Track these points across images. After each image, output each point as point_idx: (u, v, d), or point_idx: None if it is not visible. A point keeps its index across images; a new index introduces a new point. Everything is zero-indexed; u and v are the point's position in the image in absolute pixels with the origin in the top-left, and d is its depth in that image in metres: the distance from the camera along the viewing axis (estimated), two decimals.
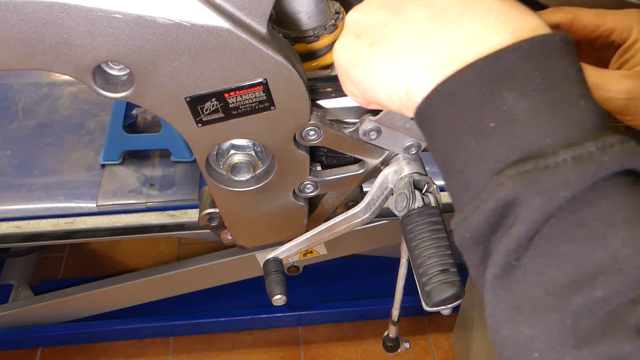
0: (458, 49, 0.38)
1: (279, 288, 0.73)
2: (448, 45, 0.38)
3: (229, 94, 0.55)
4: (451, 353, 1.79)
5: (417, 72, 0.39)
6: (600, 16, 0.64)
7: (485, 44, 0.37)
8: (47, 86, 1.63)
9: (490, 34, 0.37)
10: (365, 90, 0.45)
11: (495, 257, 0.35)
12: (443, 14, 0.39)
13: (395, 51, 0.41)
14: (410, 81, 0.40)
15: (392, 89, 0.42)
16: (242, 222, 0.75)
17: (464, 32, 0.38)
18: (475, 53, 0.37)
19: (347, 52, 0.45)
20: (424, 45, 0.39)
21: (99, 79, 0.53)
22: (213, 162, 0.66)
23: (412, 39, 0.40)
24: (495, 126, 0.35)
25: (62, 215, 1.34)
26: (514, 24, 0.37)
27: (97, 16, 0.47)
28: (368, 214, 0.70)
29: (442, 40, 0.39)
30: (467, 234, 0.37)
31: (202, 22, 0.49)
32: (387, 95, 0.43)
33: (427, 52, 0.39)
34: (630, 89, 0.59)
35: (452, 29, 0.38)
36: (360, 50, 0.44)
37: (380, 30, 0.43)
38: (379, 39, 0.43)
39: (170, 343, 1.83)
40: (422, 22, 0.40)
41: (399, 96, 0.42)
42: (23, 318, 1.71)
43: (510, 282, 0.35)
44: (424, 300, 0.55)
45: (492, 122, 0.35)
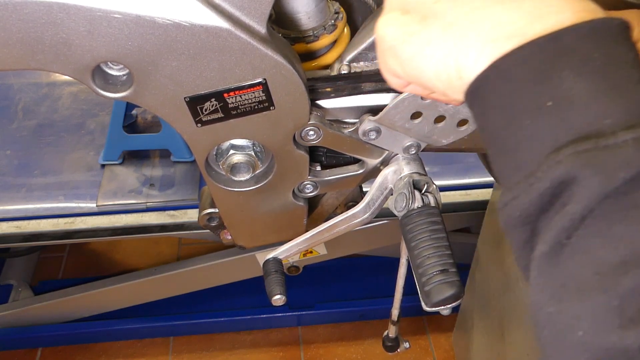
0: (516, 26, 0.37)
1: (279, 288, 0.73)
2: (507, 22, 0.37)
3: (228, 94, 0.55)
4: (451, 353, 1.79)
5: (474, 48, 0.38)
6: None
7: (546, 22, 0.36)
8: (47, 86, 1.63)
9: (551, 13, 0.37)
10: (412, 69, 0.43)
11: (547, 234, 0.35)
12: None
13: (450, 26, 0.40)
14: (464, 57, 0.39)
15: (442, 66, 0.40)
16: (241, 222, 0.75)
17: (524, 9, 0.37)
18: (536, 30, 0.36)
19: (394, 28, 0.43)
20: (482, 21, 0.38)
21: (98, 79, 0.53)
22: (213, 162, 0.66)
23: (469, 14, 0.39)
24: (553, 105, 0.35)
25: (62, 215, 1.34)
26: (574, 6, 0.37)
27: (96, 16, 0.47)
28: (368, 214, 0.70)
29: (501, 16, 0.38)
30: (516, 213, 0.36)
31: (202, 22, 0.49)
32: (436, 73, 0.41)
33: (485, 28, 0.38)
34: None
35: (511, 5, 0.38)
36: (411, 25, 0.42)
37: (431, 5, 0.41)
38: (431, 14, 0.41)
39: (170, 343, 1.83)
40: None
41: (449, 74, 0.40)
42: (23, 318, 1.72)
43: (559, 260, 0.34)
44: (423, 301, 0.55)
45: (549, 101, 0.35)
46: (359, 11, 0.73)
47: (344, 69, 0.65)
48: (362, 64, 0.65)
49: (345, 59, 0.65)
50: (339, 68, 0.65)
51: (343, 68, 0.65)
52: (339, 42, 0.68)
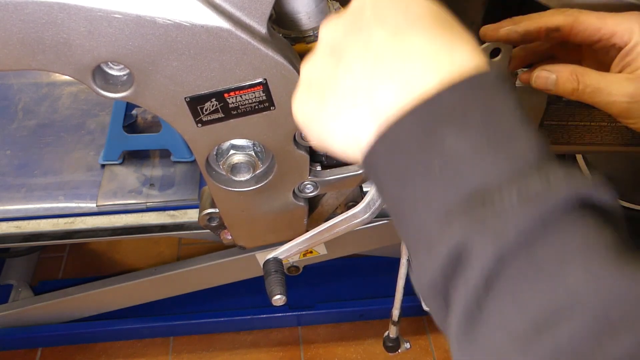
0: (392, 97, 0.37)
1: (279, 288, 0.73)
2: (383, 93, 0.38)
3: (228, 94, 0.55)
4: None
5: (361, 122, 0.39)
6: (601, 19, 0.64)
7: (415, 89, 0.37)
8: (47, 86, 1.63)
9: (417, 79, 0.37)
10: (324, 145, 0.45)
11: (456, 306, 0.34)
12: (377, 60, 0.39)
13: (341, 103, 0.41)
14: (358, 132, 0.40)
15: (345, 142, 0.42)
16: (242, 222, 0.75)
17: (394, 78, 0.38)
18: (407, 100, 0.37)
19: (301, 110, 0.45)
20: (363, 96, 0.39)
21: (98, 79, 0.53)
22: (213, 162, 0.66)
23: (353, 89, 0.40)
24: (440, 170, 0.35)
25: (62, 215, 1.34)
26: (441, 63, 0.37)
27: (96, 16, 0.47)
28: (368, 214, 0.70)
29: (378, 88, 0.38)
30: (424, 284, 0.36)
31: (202, 22, 0.49)
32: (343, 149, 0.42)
33: (367, 103, 0.39)
34: (632, 92, 0.59)
35: (384, 74, 0.38)
36: (312, 107, 0.44)
37: (326, 82, 0.42)
38: (326, 92, 0.42)
39: (170, 343, 1.83)
40: (360, 72, 0.40)
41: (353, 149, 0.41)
42: (23, 318, 1.71)
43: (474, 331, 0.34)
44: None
45: (437, 165, 0.35)
46: None
47: None
48: None
49: None
50: None
51: None
52: None
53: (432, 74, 0.37)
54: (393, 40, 0.39)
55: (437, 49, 0.38)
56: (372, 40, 0.40)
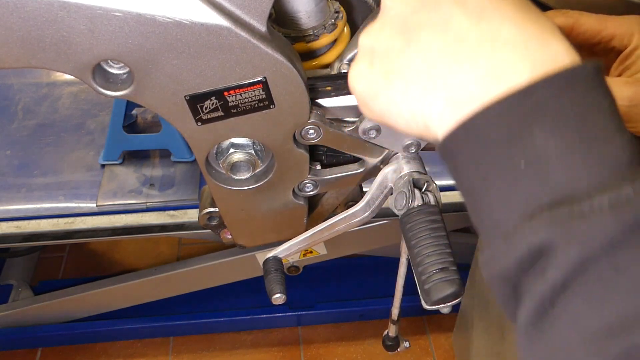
0: (476, 87, 0.36)
1: (279, 287, 0.73)
2: (465, 82, 0.36)
3: (228, 93, 0.55)
4: (451, 353, 1.79)
5: (435, 106, 0.38)
6: (601, 21, 0.64)
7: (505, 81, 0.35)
8: (47, 86, 1.63)
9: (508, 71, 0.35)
10: (386, 121, 0.44)
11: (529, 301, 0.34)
12: (458, 44, 0.37)
13: (411, 83, 0.40)
14: (429, 115, 0.39)
15: (411, 121, 0.41)
16: (241, 221, 0.75)
17: (480, 69, 0.36)
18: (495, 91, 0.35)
19: (362, 83, 0.44)
20: (440, 80, 0.38)
21: (98, 78, 0.53)
22: (213, 161, 0.66)
23: (427, 70, 0.38)
24: (526, 166, 0.34)
25: (62, 215, 1.34)
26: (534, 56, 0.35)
27: (96, 14, 0.47)
28: (367, 213, 0.70)
29: (459, 76, 0.37)
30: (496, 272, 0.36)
31: (202, 21, 0.49)
32: (407, 126, 0.42)
33: (444, 87, 0.37)
34: (632, 96, 0.58)
35: (467, 64, 0.37)
36: (376, 81, 0.42)
37: (394, 58, 0.41)
38: (394, 69, 0.41)
39: (170, 343, 1.83)
40: (436, 54, 0.38)
41: (419, 128, 0.40)
42: (23, 318, 1.71)
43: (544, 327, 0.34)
44: (423, 299, 0.55)
45: (522, 162, 0.34)
46: (359, 10, 0.74)
47: (344, 68, 0.65)
48: None
49: (345, 58, 0.65)
50: (339, 67, 0.65)
51: (343, 67, 0.65)
52: (339, 41, 0.68)
53: (524, 64, 0.35)
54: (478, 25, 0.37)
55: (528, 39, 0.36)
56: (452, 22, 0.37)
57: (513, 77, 0.35)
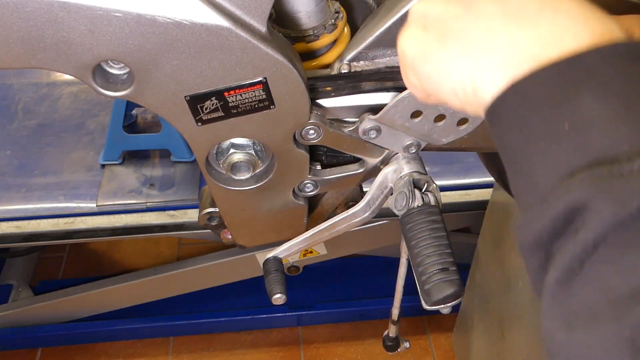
0: (534, 49, 0.37)
1: (279, 287, 0.73)
2: (524, 44, 0.37)
3: (228, 93, 0.55)
4: (451, 353, 1.79)
5: (490, 69, 0.39)
6: None
7: (562, 45, 0.36)
8: (47, 86, 1.63)
9: (567, 36, 0.36)
10: (430, 85, 0.44)
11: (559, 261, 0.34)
12: (519, 11, 0.38)
13: (467, 47, 0.40)
14: (480, 78, 0.39)
15: (459, 84, 0.41)
16: (242, 221, 0.75)
17: (541, 32, 0.37)
18: (552, 54, 0.36)
19: (414, 44, 0.44)
20: (498, 43, 0.39)
21: (99, 78, 0.53)
22: (213, 161, 0.66)
23: (486, 35, 0.39)
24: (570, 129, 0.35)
25: (62, 215, 1.34)
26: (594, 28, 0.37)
27: (97, 15, 0.47)
28: (368, 213, 0.70)
29: (518, 39, 0.38)
30: (529, 237, 0.36)
31: (202, 21, 0.49)
32: (452, 90, 0.42)
33: (501, 50, 0.38)
34: None
35: (528, 27, 0.38)
36: (429, 43, 0.43)
37: (450, 23, 0.42)
38: (449, 33, 0.42)
39: (170, 343, 1.83)
40: (497, 19, 0.39)
41: (465, 93, 0.41)
42: (23, 318, 1.71)
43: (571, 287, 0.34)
44: (423, 299, 0.55)
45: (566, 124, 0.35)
46: (359, 10, 0.74)
47: (344, 68, 0.65)
48: (362, 63, 0.65)
49: (345, 58, 0.65)
50: (339, 67, 0.65)
51: (343, 67, 0.65)
52: (339, 41, 0.68)
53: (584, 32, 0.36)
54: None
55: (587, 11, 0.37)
56: None
57: (571, 43, 0.36)
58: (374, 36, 0.61)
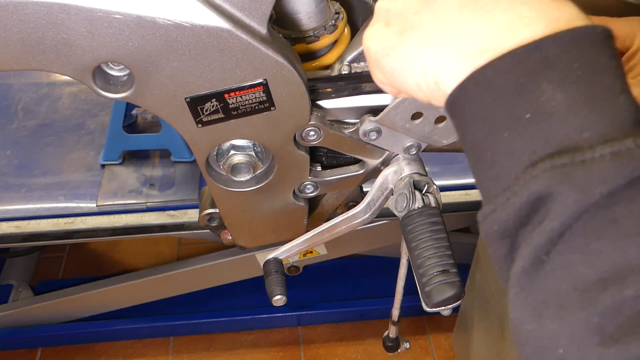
0: (490, 40, 0.37)
1: (279, 288, 0.73)
2: (480, 35, 0.38)
3: (229, 95, 0.55)
4: (451, 353, 1.79)
5: (448, 61, 0.39)
6: (603, 23, 0.64)
7: (519, 34, 0.36)
8: (47, 86, 1.63)
9: (524, 25, 0.36)
10: (395, 80, 0.44)
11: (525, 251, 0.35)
12: (475, 3, 0.39)
13: (426, 40, 0.40)
14: (440, 71, 0.39)
15: (422, 78, 0.41)
16: (242, 222, 0.75)
17: (496, 22, 0.37)
18: (509, 44, 0.36)
19: (376, 41, 0.44)
20: (455, 35, 0.39)
21: (99, 80, 0.53)
22: (213, 163, 0.66)
23: (443, 27, 0.39)
24: (532, 117, 0.35)
25: (62, 215, 1.34)
26: (550, 15, 0.36)
27: (97, 17, 0.47)
28: (368, 214, 0.70)
29: (474, 30, 0.38)
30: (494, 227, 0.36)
31: (202, 23, 0.49)
32: (417, 84, 0.42)
33: (459, 42, 0.38)
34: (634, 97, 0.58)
35: (484, 18, 0.38)
36: (390, 38, 0.43)
37: (409, 18, 0.42)
38: (409, 27, 0.42)
39: (170, 343, 1.83)
40: (453, 11, 0.39)
41: (429, 85, 0.41)
42: (23, 318, 1.71)
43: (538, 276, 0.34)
44: (424, 301, 0.55)
45: (528, 113, 0.35)
46: (359, 11, 0.73)
47: (345, 69, 0.65)
48: (362, 64, 0.65)
49: (345, 59, 0.65)
50: (340, 68, 0.65)
51: (343, 68, 0.65)
52: (339, 42, 0.68)
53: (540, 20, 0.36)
54: None
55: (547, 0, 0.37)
56: None
57: (527, 32, 0.36)
58: None
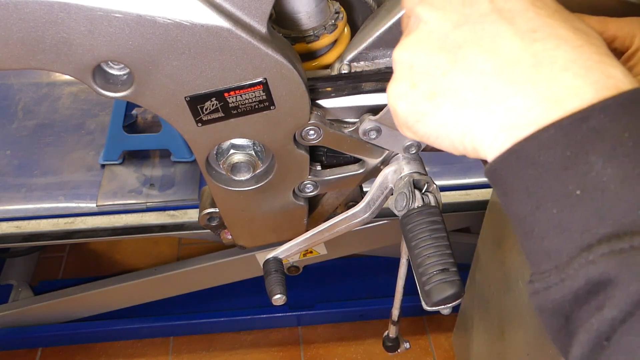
0: (535, 112, 0.35)
1: (279, 288, 0.73)
2: (523, 107, 0.35)
3: (228, 94, 0.55)
4: (451, 353, 1.79)
5: (488, 132, 0.37)
6: (603, 23, 0.64)
7: (566, 106, 0.34)
8: (47, 86, 1.63)
9: (570, 96, 0.34)
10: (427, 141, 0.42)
11: (583, 337, 0.34)
12: (512, 67, 0.36)
13: (461, 107, 0.38)
14: (480, 140, 0.38)
15: (459, 144, 0.40)
16: (242, 221, 0.75)
17: (539, 92, 0.35)
18: (554, 115, 0.34)
19: (405, 104, 0.42)
20: (494, 103, 0.36)
21: (99, 79, 0.53)
22: (213, 162, 0.66)
23: (479, 94, 0.37)
24: (582, 194, 0.33)
25: (62, 215, 1.34)
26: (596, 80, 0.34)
27: (97, 15, 0.47)
28: (368, 214, 0.70)
29: (516, 101, 0.35)
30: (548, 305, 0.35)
31: (202, 22, 0.49)
32: (452, 147, 0.41)
33: (499, 111, 0.36)
34: None
35: (525, 87, 0.35)
36: (420, 103, 0.41)
37: (439, 80, 0.39)
38: (440, 92, 0.39)
39: (170, 343, 1.83)
40: (488, 75, 0.37)
41: (466, 149, 0.40)
42: (23, 318, 1.71)
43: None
44: (423, 300, 0.55)
45: (578, 189, 0.33)
46: (359, 11, 0.73)
47: (345, 69, 0.65)
48: (362, 63, 0.65)
49: (345, 58, 0.65)
50: (340, 68, 0.65)
51: (343, 68, 0.65)
52: (339, 41, 0.68)
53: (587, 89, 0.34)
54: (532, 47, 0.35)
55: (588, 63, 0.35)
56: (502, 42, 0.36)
57: (575, 101, 0.34)
58: (374, 36, 0.61)
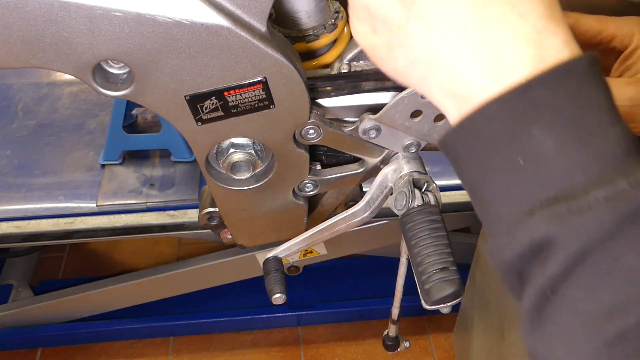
0: (476, 84, 0.37)
1: (279, 287, 0.73)
2: (465, 78, 0.37)
3: (228, 93, 0.55)
4: (451, 353, 1.79)
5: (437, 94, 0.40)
6: (602, 22, 0.64)
7: (505, 79, 0.36)
8: (47, 86, 1.63)
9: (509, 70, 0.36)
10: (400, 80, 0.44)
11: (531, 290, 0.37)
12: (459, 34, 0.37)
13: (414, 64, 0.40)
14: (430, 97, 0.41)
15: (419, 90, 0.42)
16: (241, 221, 0.75)
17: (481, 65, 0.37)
18: (496, 87, 0.36)
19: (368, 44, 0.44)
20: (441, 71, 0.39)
21: (98, 77, 0.53)
22: (213, 161, 0.66)
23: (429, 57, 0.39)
24: (525, 163, 0.36)
25: (62, 215, 1.34)
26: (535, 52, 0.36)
27: (97, 14, 0.47)
28: (367, 213, 0.70)
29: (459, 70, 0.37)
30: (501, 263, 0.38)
31: (202, 21, 0.49)
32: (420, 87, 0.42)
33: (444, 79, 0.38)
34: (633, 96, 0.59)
35: (468, 58, 0.37)
36: (382, 49, 0.43)
37: (394, 33, 0.41)
38: (396, 45, 0.41)
39: (170, 343, 1.83)
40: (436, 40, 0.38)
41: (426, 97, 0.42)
42: (23, 318, 1.71)
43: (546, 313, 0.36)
44: (423, 299, 0.55)
45: (520, 159, 0.36)
46: None
47: (344, 68, 0.65)
48: (362, 62, 0.65)
49: (345, 57, 0.65)
50: (339, 67, 0.65)
51: (343, 67, 0.65)
52: (339, 41, 0.68)
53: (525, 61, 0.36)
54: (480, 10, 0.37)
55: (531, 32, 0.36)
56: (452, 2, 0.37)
57: (513, 75, 0.36)
58: None
